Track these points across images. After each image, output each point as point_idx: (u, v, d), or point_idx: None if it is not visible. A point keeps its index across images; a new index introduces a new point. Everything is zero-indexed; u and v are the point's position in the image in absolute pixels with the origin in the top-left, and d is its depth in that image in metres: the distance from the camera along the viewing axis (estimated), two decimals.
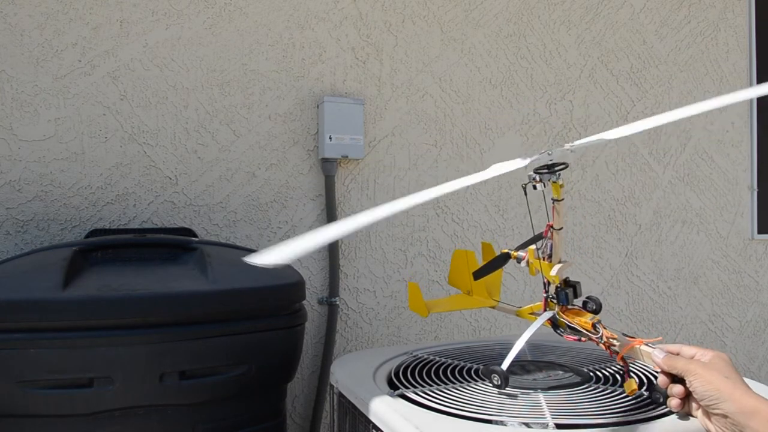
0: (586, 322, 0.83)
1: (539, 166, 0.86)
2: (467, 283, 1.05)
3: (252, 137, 1.58)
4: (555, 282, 0.88)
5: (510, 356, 0.85)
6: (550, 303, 0.89)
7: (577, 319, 0.85)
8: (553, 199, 0.87)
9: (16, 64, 1.37)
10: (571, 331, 0.86)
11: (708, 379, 0.69)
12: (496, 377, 0.83)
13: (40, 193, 1.38)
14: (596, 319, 0.83)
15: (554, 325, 0.89)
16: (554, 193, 0.86)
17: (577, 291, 0.88)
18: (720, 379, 0.68)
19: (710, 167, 2.28)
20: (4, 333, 0.90)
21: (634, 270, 2.12)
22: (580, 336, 0.85)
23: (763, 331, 2.39)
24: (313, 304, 1.64)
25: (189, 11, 1.52)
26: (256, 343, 1.05)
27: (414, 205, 0.77)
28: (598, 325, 0.82)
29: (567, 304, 0.87)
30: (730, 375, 0.69)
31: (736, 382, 0.68)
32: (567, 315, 0.86)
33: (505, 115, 1.92)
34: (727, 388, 0.67)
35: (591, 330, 0.82)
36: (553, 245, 0.88)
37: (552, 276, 0.88)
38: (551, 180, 0.85)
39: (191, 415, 1.00)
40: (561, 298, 0.87)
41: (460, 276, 1.07)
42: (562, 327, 0.88)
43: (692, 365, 0.71)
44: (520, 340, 0.86)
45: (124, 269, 1.08)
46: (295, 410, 1.62)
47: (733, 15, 2.34)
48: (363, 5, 1.72)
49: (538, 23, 1.97)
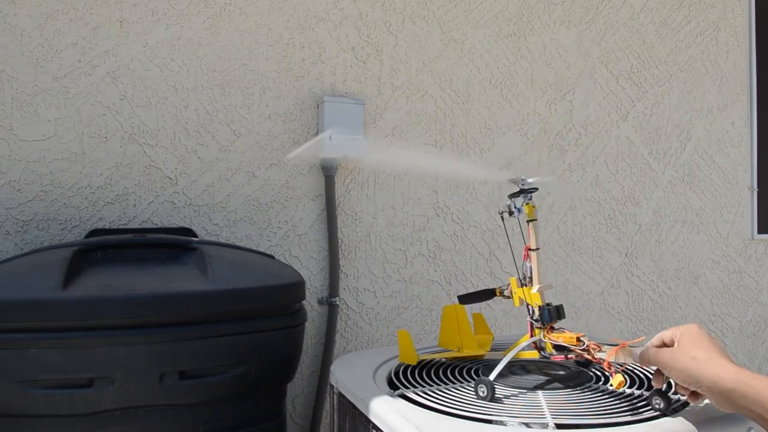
0: (570, 338, 0.86)
1: (512, 193, 0.95)
2: (457, 341, 1.06)
3: (252, 137, 1.58)
4: (537, 303, 0.90)
5: (497, 369, 0.86)
6: (535, 330, 0.91)
7: (562, 337, 0.87)
8: (527, 221, 0.93)
9: (16, 64, 1.37)
10: (557, 351, 0.89)
11: (675, 367, 0.67)
12: (483, 387, 0.83)
13: (40, 193, 1.38)
14: (579, 334, 0.86)
15: (540, 348, 0.92)
16: (528, 215, 0.93)
17: (561, 312, 0.90)
18: (687, 362, 0.65)
19: (710, 167, 2.28)
20: (4, 333, 0.90)
21: (634, 270, 2.13)
22: (566, 353, 0.87)
23: (763, 331, 2.39)
24: (313, 304, 1.64)
25: (189, 11, 1.52)
26: (256, 343, 1.05)
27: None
28: (582, 338, 0.85)
29: (551, 321, 0.89)
30: (697, 353, 0.65)
31: (704, 360, 0.64)
32: (552, 336, 0.89)
33: (505, 115, 1.92)
34: (695, 370, 0.64)
35: (576, 344, 0.85)
36: (532, 267, 0.92)
37: (533, 296, 0.90)
38: (524, 203, 0.93)
39: (191, 415, 1.00)
40: (544, 316, 0.89)
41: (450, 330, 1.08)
42: (547, 349, 0.90)
43: (659, 357, 0.69)
44: (506, 358, 0.88)
45: (124, 269, 1.08)
46: (295, 410, 1.62)
47: (733, 15, 2.34)
48: (363, 5, 1.72)
49: (538, 23, 1.97)
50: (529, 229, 0.92)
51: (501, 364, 0.87)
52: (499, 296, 1.00)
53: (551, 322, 0.89)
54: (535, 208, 0.93)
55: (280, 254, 1.60)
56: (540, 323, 0.90)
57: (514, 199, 0.94)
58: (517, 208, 0.94)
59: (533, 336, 0.91)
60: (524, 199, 0.93)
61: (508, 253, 1.90)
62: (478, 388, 0.83)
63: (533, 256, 0.92)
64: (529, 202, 0.93)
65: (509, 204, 0.95)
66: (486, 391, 0.82)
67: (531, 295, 0.91)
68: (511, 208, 0.95)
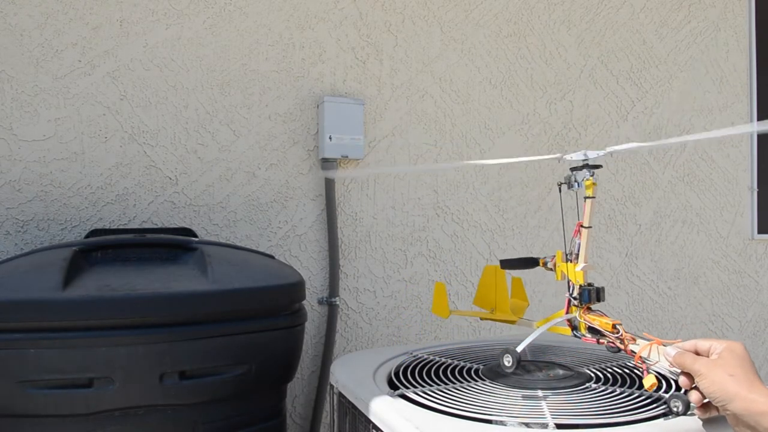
0: (606, 323, 0.85)
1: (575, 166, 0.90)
2: (492, 301, 1.06)
3: (252, 137, 1.58)
4: (579, 281, 0.89)
5: (526, 341, 0.87)
6: (572, 307, 0.90)
7: (598, 321, 0.86)
8: (585, 197, 0.89)
9: (16, 64, 1.37)
10: (590, 333, 0.88)
11: (712, 379, 0.66)
12: (508, 357, 0.83)
13: (40, 193, 1.38)
14: (617, 321, 0.84)
15: (573, 327, 0.91)
16: (587, 191, 0.89)
17: (601, 294, 0.89)
18: (724, 378, 0.65)
19: (710, 167, 2.28)
20: (4, 333, 0.90)
21: (634, 270, 2.12)
22: (599, 337, 0.86)
23: (763, 331, 2.39)
24: (313, 304, 1.64)
25: (189, 11, 1.52)
26: (256, 343, 1.05)
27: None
28: (618, 326, 0.84)
29: (589, 301, 0.88)
30: (736, 372, 0.65)
31: (741, 380, 0.64)
32: (588, 317, 0.87)
33: (505, 115, 1.92)
34: (732, 387, 0.63)
35: (611, 330, 0.84)
36: (581, 244, 0.89)
37: (577, 273, 0.89)
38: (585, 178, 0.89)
39: (191, 415, 1.00)
40: (584, 296, 0.88)
41: (487, 290, 1.08)
42: (581, 329, 0.89)
43: (697, 364, 0.68)
44: (538, 330, 0.88)
45: (124, 269, 1.08)
46: (295, 410, 1.62)
47: (733, 15, 2.34)
48: (363, 5, 1.72)
49: (538, 23, 1.97)
50: (585, 206, 0.89)
51: (532, 336, 0.87)
52: (542, 266, 0.98)
53: (589, 303, 0.88)
54: (595, 186, 0.88)
55: (280, 254, 1.60)
56: (578, 302, 0.88)
57: (576, 172, 0.90)
58: (577, 182, 0.90)
59: (569, 313, 0.90)
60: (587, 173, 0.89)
61: (509, 254, 1.90)
62: (503, 357, 0.84)
63: (584, 233, 0.89)
64: (590, 178, 0.88)
65: (570, 176, 0.90)
66: (511, 360, 0.83)
67: (575, 272, 0.89)
68: (571, 181, 0.90)
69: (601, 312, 0.88)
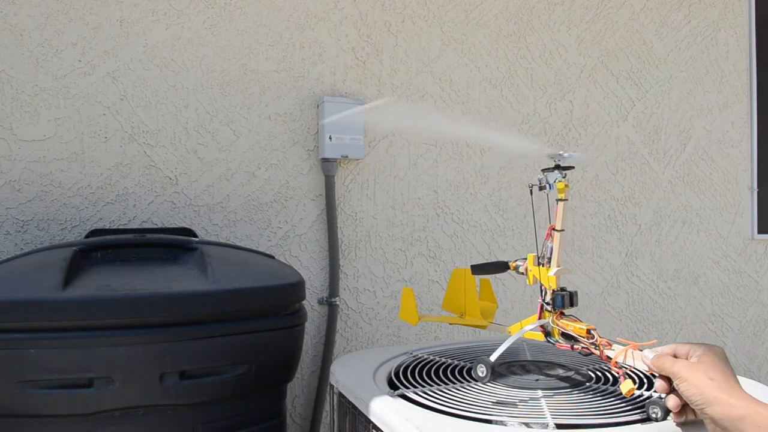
0: (580, 329, 0.83)
1: (546, 167, 0.87)
2: (461, 305, 1.04)
3: (252, 137, 1.58)
4: (552, 286, 0.87)
5: (500, 350, 0.84)
6: (544, 312, 0.88)
7: (572, 326, 0.84)
8: (557, 199, 0.87)
9: (16, 64, 1.37)
10: (564, 339, 0.86)
11: (691, 381, 0.65)
12: (482, 367, 0.81)
13: (40, 193, 1.38)
14: (591, 326, 0.82)
15: (547, 333, 0.89)
16: (559, 193, 0.87)
17: (574, 299, 0.87)
18: (704, 381, 0.64)
19: (710, 167, 2.28)
20: (4, 333, 0.90)
21: (634, 270, 2.12)
22: (573, 343, 0.84)
23: (763, 331, 2.39)
24: (313, 304, 1.64)
25: (189, 11, 1.52)
26: (256, 343, 1.05)
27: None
28: (593, 332, 0.82)
29: (563, 307, 0.86)
30: (716, 375, 0.64)
31: (720, 384, 0.63)
32: (561, 322, 0.86)
33: (505, 115, 1.92)
34: (711, 391, 0.63)
35: (586, 336, 0.82)
36: (553, 248, 0.87)
37: (550, 277, 0.87)
38: (557, 180, 0.86)
39: (191, 415, 1.00)
40: (557, 301, 0.86)
41: (455, 294, 1.06)
42: (554, 335, 0.87)
43: (677, 367, 0.68)
44: (512, 338, 0.86)
45: (124, 269, 1.08)
46: (295, 410, 1.62)
47: (733, 15, 2.34)
48: (363, 5, 1.72)
49: (538, 23, 1.97)
50: (557, 208, 0.87)
51: (505, 344, 0.84)
52: (513, 270, 0.95)
53: (563, 308, 0.86)
54: (567, 187, 0.86)
55: (280, 254, 1.60)
56: (551, 307, 0.86)
57: (548, 173, 0.87)
58: (548, 184, 0.87)
59: (541, 318, 0.88)
60: (558, 175, 0.86)
61: (509, 254, 1.90)
62: (477, 367, 0.82)
63: (556, 237, 0.86)
64: (562, 180, 0.86)
65: (541, 178, 0.88)
66: (485, 371, 0.80)
67: (547, 276, 0.87)
68: (542, 183, 0.88)
69: (574, 317, 0.86)
